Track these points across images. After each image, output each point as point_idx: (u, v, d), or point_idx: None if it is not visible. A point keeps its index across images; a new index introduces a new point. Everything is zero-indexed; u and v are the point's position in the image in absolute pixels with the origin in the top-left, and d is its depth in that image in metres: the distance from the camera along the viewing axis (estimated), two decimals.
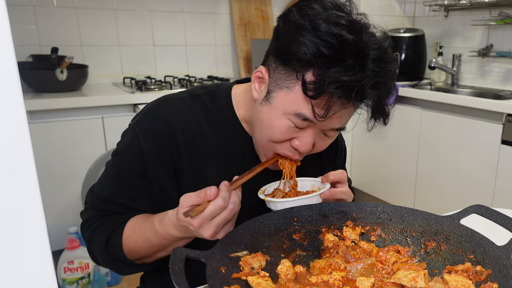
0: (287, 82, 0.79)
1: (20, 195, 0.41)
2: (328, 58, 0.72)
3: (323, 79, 0.72)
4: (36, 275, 0.43)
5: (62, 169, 2.21)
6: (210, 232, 0.74)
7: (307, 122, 0.80)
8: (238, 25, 3.14)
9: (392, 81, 0.78)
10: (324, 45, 0.72)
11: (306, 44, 0.73)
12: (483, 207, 0.75)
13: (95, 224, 0.91)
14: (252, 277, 0.65)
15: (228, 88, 0.99)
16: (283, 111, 0.80)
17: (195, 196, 0.74)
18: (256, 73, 0.87)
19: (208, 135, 0.94)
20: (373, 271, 0.70)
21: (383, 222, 0.82)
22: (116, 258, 0.89)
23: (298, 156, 0.88)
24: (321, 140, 0.87)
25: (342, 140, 1.16)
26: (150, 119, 0.92)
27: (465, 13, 3.03)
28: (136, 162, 0.90)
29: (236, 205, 0.76)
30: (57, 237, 2.21)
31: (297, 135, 0.83)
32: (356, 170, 3.24)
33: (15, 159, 0.40)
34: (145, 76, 2.85)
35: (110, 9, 2.77)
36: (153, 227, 0.83)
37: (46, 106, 2.14)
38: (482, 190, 2.36)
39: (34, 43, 2.57)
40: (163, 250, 0.86)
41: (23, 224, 0.42)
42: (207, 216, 0.73)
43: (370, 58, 0.74)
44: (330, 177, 0.91)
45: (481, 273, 0.64)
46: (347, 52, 0.72)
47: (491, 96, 2.69)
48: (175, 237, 0.81)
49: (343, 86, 0.72)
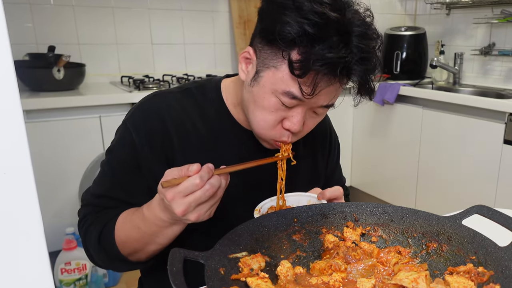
0: (274, 61, 0.80)
1: (16, 196, 0.41)
2: (312, 36, 0.73)
3: (308, 58, 0.73)
4: (33, 277, 0.43)
5: (59, 169, 2.20)
6: (181, 209, 0.72)
7: (296, 101, 0.81)
8: (237, 23, 3.13)
9: (377, 56, 0.79)
10: (308, 24, 0.73)
11: (290, 23, 0.74)
12: (485, 208, 0.74)
13: (90, 220, 0.92)
14: (252, 278, 0.64)
15: (218, 82, 1.00)
16: (271, 89, 0.82)
17: (177, 170, 0.74)
18: (243, 54, 0.88)
19: (199, 127, 0.95)
20: (373, 272, 0.70)
21: (384, 222, 0.82)
22: (109, 254, 0.88)
23: (292, 138, 0.89)
24: (311, 118, 0.88)
25: (336, 137, 1.17)
26: (142, 113, 0.93)
27: (467, 11, 3.02)
28: (130, 157, 0.91)
29: (213, 188, 0.73)
30: (54, 238, 2.19)
31: (286, 115, 0.84)
32: (356, 170, 3.24)
33: (11, 159, 0.40)
34: (143, 75, 2.84)
35: (108, 7, 2.76)
36: (142, 213, 0.83)
37: (43, 105, 2.13)
38: (484, 190, 2.35)
39: (30, 42, 2.56)
40: (153, 242, 0.85)
41: (19, 225, 0.42)
42: (180, 190, 0.72)
43: (354, 34, 0.75)
44: (326, 194, 0.91)
45: (483, 274, 0.64)
46: (331, 29, 0.73)
47: (493, 95, 2.69)
48: (161, 219, 0.80)
49: (328, 63, 0.73)
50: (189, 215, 0.74)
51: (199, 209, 0.74)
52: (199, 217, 0.75)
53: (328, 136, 1.13)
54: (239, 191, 0.94)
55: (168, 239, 0.84)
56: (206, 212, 0.76)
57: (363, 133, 3.14)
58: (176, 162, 0.92)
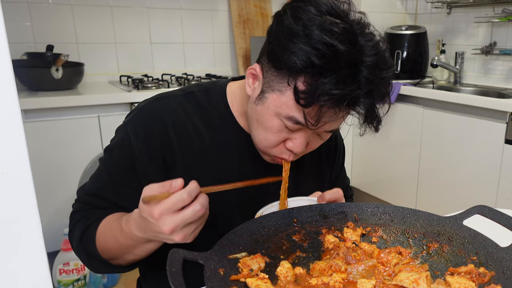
0: (279, 85, 0.78)
1: (14, 196, 0.41)
2: (319, 68, 0.70)
3: (314, 90, 0.71)
4: (31, 277, 0.43)
5: (57, 169, 2.19)
6: (169, 227, 0.68)
7: (299, 125, 0.80)
8: (237, 22, 3.12)
9: (387, 86, 0.76)
10: (316, 55, 0.70)
11: (296, 54, 0.71)
12: (487, 208, 0.74)
13: (78, 217, 0.91)
14: (251, 279, 0.64)
15: (224, 85, 0.98)
16: (275, 112, 0.80)
17: (158, 186, 0.70)
18: (250, 70, 0.86)
19: (202, 133, 0.93)
20: (374, 273, 0.69)
21: (385, 223, 0.81)
22: (89, 253, 0.87)
23: (293, 158, 0.87)
24: (315, 140, 0.87)
25: (341, 139, 1.15)
26: (143, 117, 0.92)
27: (468, 10, 3.01)
28: (126, 160, 0.90)
29: (203, 208, 0.70)
30: (52, 238, 2.18)
31: (289, 136, 0.83)
32: (357, 170, 3.24)
33: (9, 159, 0.40)
34: (142, 74, 2.83)
35: (107, 6, 2.75)
36: (120, 225, 0.81)
37: (41, 105, 2.12)
38: (485, 190, 2.35)
39: (29, 41, 2.54)
40: (131, 252, 0.83)
41: (17, 225, 0.42)
42: (168, 207, 0.67)
43: (364, 65, 0.71)
44: (326, 197, 0.89)
45: (485, 275, 0.64)
46: (339, 62, 0.70)
47: (495, 95, 2.68)
48: (137, 237, 0.77)
49: (334, 99, 0.71)
50: (175, 235, 0.70)
51: (186, 229, 0.71)
52: (184, 238, 0.71)
53: (333, 138, 1.10)
54: (239, 199, 0.94)
55: (146, 252, 0.82)
56: (191, 233, 0.72)
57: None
58: (175, 167, 0.90)
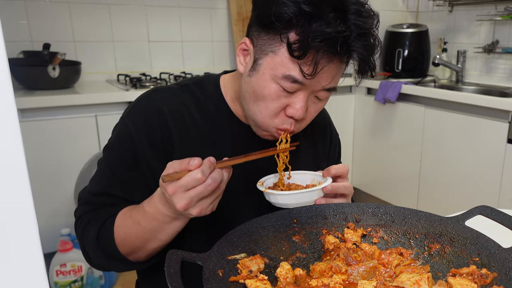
0: (272, 46, 0.80)
1: (11, 196, 0.41)
2: (309, 14, 0.74)
3: (306, 36, 0.74)
4: (28, 279, 0.43)
5: (54, 169, 2.18)
6: (182, 204, 0.71)
7: (297, 85, 0.81)
8: (236, 20, 3.12)
9: (375, 34, 0.80)
10: (304, 2, 0.74)
11: (285, 3, 0.75)
12: (489, 208, 0.74)
13: (87, 219, 0.90)
14: (251, 280, 0.64)
15: (217, 78, 1.01)
16: (271, 75, 0.82)
17: (178, 163, 0.73)
18: (240, 45, 0.89)
19: (198, 122, 0.95)
20: (375, 274, 0.69)
21: (386, 223, 0.81)
22: (108, 254, 0.87)
23: (294, 127, 0.88)
24: (313, 104, 0.88)
25: (336, 133, 1.17)
26: (140, 108, 0.94)
27: (470, 8, 3.00)
28: (128, 153, 0.91)
29: (215, 182, 0.72)
30: (49, 239, 2.17)
31: (289, 102, 0.84)
32: (357, 170, 3.23)
33: (5, 159, 0.40)
34: (140, 73, 2.82)
35: (104, 4, 2.73)
36: (143, 208, 0.82)
37: (38, 104, 2.11)
38: (487, 190, 2.34)
39: (25, 39, 2.53)
40: (154, 238, 0.83)
41: (13, 226, 0.41)
42: (182, 185, 0.71)
43: (350, 12, 0.76)
44: (331, 171, 0.90)
45: (487, 276, 0.64)
46: (327, 6, 0.75)
47: (497, 94, 2.67)
48: (162, 213, 0.79)
49: (327, 38, 0.74)
50: (191, 210, 0.73)
51: (201, 203, 0.73)
52: (201, 212, 0.74)
53: (328, 129, 1.13)
54: (240, 183, 0.93)
55: (170, 235, 0.83)
56: (208, 206, 0.75)
57: (364, 132, 3.13)
58: (175, 156, 0.91)
